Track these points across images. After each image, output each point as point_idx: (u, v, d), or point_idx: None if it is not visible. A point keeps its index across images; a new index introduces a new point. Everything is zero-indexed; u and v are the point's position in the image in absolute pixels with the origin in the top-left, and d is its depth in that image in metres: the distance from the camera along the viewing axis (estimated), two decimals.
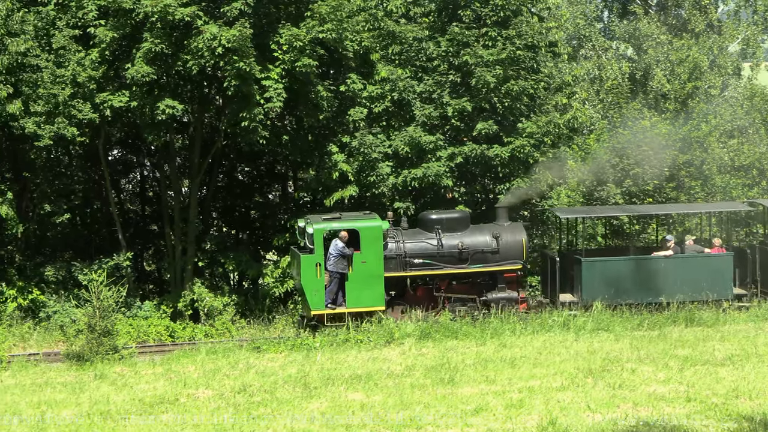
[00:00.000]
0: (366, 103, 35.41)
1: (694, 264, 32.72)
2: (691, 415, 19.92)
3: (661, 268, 32.55)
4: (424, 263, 31.82)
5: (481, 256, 32.13)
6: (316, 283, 30.91)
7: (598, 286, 32.17)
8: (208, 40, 32.05)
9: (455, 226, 32.30)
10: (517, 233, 32.50)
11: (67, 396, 23.69)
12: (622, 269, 32.59)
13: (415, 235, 32.25)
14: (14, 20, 32.89)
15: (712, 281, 32.42)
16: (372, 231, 31.15)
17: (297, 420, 20.44)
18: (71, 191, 37.42)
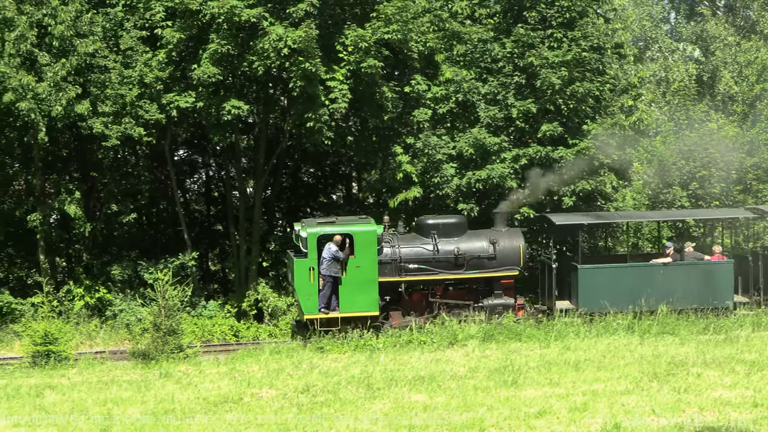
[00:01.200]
0: (430, 104, 35.38)
1: (693, 271, 32.23)
2: (757, 421, 19.66)
3: (660, 276, 32.10)
4: (420, 268, 31.45)
5: (477, 262, 31.73)
6: (309, 287, 30.61)
7: (594, 293, 31.78)
8: (274, 41, 32.19)
9: (452, 232, 31.93)
10: (514, 239, 32.09)
11: (132, 394, 23.86)
12: (619, 276, 32.11)
13: (412, 240, 31.94)
14: (83, 22, 33.26)
15: (712, 289, 31.97)
16: (366, 235, 30.82)
17: (360, 420, 20.43)
18: (138, 191, 37.73)
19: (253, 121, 38.89)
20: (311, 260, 30.54)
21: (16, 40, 32.25)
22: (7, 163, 35.93)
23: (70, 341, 29.44)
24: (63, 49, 33.20)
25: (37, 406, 22.72)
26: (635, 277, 32.00)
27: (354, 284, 30.65)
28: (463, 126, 35.60)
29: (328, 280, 30.51)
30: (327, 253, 30.33)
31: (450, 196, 35.18)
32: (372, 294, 30.75)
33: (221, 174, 41.90)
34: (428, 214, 33.42)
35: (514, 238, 32.12)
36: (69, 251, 38.11)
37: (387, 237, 31.53)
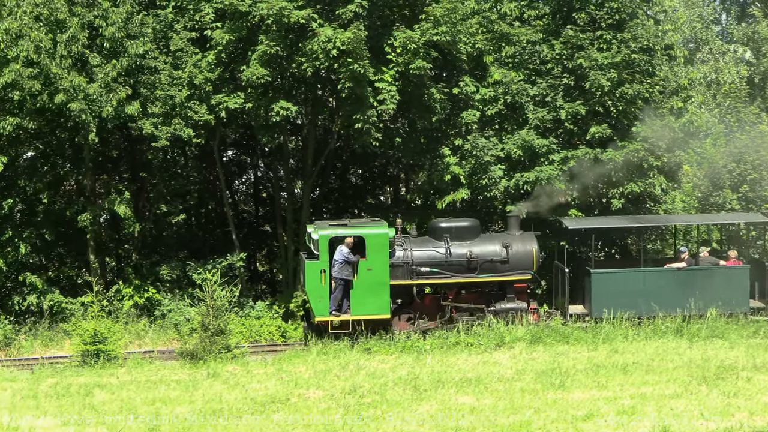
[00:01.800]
0: (479, 106, 35.31)
1: (708, 276, 31.89)
2: None
3: (674, 280, 31.81)
4: (432, 272, 31.29)
5: (490, 266, 31.53)
6: (320, 290, 30.55)
7: (607, 298, 31.51)
8: (323, 42, 32.26)
9: (464, 235, 31.77)
10: (527, 243, 31.88)
11: (180, 393, 23.99)
12: (633, 281, 31.82)
13: (424, 243, 31.77)
14: (134, 23, 33.50)
15: (727, 294, 31.62)
16: (378, 238, 30.71)
17: (407, 422, 20.45)
18: (187, 191, 37.92)
19: (302, 122, 38.98)
20: (323, 263, 30.50)
21: (67, 41, 32.52)
22: (58, 164, 36.21)
23: (119, 341, 29.65)
24: (114, 51, 33.45)
25: (86, 405, 22.91)
26: (649, 281, 31.76)
27: (365, 287, 30.59)
28: (511, 128, 35.48)
29: (339, 283, 30.46)
30: (338, 256, 30.29)
31: (498, 198, 35.09)
32: (383, 297, 30.68)
33: (269, 175, 42.04)
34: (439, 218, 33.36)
35: (528, 242, 31.93)
36: (118, 251, 38.37)
37: (399, 240, 31.46)
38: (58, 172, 36.06)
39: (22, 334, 34.12)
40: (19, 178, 35.23)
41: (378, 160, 40.08)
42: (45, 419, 21.62)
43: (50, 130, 34.89)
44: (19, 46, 32.05)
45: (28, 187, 35.03)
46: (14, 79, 31.92)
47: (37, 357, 31.47)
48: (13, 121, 32.61)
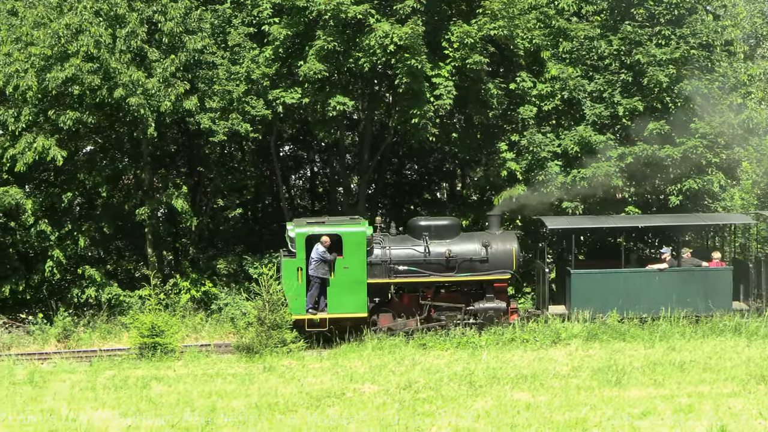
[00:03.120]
0: (536, 101, 35.17)
1: (690, 278, 31.52)
2: None
3: (655, 282, 31.46)
4: (410, 270, 31.10)
5: (469, 265, 31.25)
6: (297, 288, 30.44)
7: (587, 298, 31.24)
8: (380, 37, 32.29)
9: (444, 234, 31.53)
10: (507, 242, 31.59)
11: (237, 387, 24.13)
12: (614, 282, 31.50)
13: (402, 241, 31.60)
14: (192, 18, 33.69)
15: (709, 295, 31.26)
16: (355, 236, 30.57)
17: (462, 418, 20.43)
18: (243, 186, 38.07)
19: (358, 117, 39.05)
20: (299, 260, 30.46)
21: (127, 36, 32.77)
22: (117, 158, 36.49)
23: (176, 334, 29.84)
24: (172, 46, 33.68)
25: (143, 398, 23.09)
26: (630, 282, 31.45)
27: (342, 285, 30.47)
28: (568, 124, 35.33)
29: (315, 281, 30.41)
30: (315, 254, 30.21)
31: (554, 194, 34.95)
32: (360, 295, 30.52)
33: (326, 170, 42.13)
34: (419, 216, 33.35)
35: (508, 241, 31.67)
36: (176, 245, 38.63)
37: (378, 238, 31.32)
38: (116, 166, 36.33)
39: (81, 326, 34.44)
40: (79, 171, 35.53)
41: (434, 155, 40.04)
42: (103, 411, 21.81)
43: (109, 124, 35.19)
44: (79, 41, 32.35)
45: (88, 181, 35.32)
46: (74, 73, 32.22)
47: (96, 349, 31.76)
48: (73, 116, 32.91)
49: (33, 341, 33.57)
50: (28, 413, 21.82)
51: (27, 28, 33.05)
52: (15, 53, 33.08)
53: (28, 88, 32.70)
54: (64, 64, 32.44)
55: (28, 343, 33.44)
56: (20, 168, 33.43)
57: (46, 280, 35.50)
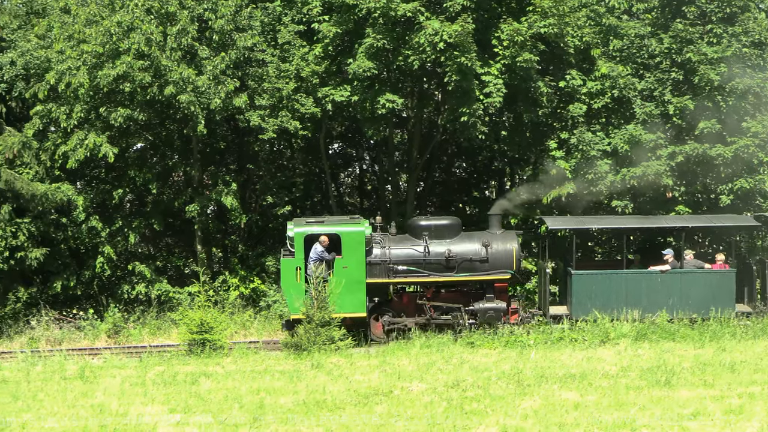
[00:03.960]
0: (585, 99, 35.01)
1: (692, 280, 31.10)
2: None
3: (657, 283, 31.10)
4: (409, 270, 30.95)
5: (469, 265, 31.05)
6: (295, 287, 30.32)
7: (588, 299, 30.97)
8: (430, 35, 32.28)
9: (444, 233, 31.33)
10: (508, 242, 31.36)
11: (285, 384, 24.16)
12: (615, 283, 31.16)
13: (402, 241, 31.42)
14: (242, 16, 33.85)
15: (711, 298, 30.85)
16: (354, 236, 30.43)
17: (510, 417, 20.35)
18: (292, 183, 38.18)
19: (407, 115, 39.05)
20: (298, 260, 30.39)
21: (177, 34, 32.97)
22: (167, 155, 36.75)
23: (224, 330, 29.95)
24: (222, 43, 33.85)
25: (192, 393, 23.18)
26: (631, 284, 31.14)
27: (341, 285, 30.32)
28: (618, 122, 35.15)
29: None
30: (313, 254, 30.16)
31: (604, 192, 34.79)
32: (359, 295, 30.40)
33: (374, 168, 42.18)
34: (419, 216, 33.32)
35: (508, 241, 31.45)
36: (225, 242, 38.81)
37: (378, 238, 31.22)
38: (166, 163, 36.59)
39: (131, 322, 34.73)
40: (130, 168, 35.83)
41: (483, 153, 39.97)
42: (152, 407, 21.92)
43: (160, 121, 35.43)
44: (130, 39, 32.59)
45: (138, 178, 35.59)
46: (126, 71, 32.48)
47: (145, 345, 31.97)
48: (124, 113, 33.16)
49: (84, 337, 33.89)
50: (79, 408, 21.98)
51: (79, 26, 33.35)
52: (67, 51, 33.42)
53: (80, 86, 33.00)
54: (115, 61, 32.71)
55: (79, 339, 33.76)
56: (72, 164, 33.77)
57: (96, 276, 35.82)
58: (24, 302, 34.90)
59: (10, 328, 34.28)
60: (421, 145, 37.80)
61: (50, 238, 35.53)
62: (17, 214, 34.40)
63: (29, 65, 34.49)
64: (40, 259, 34.43)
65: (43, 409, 22.05)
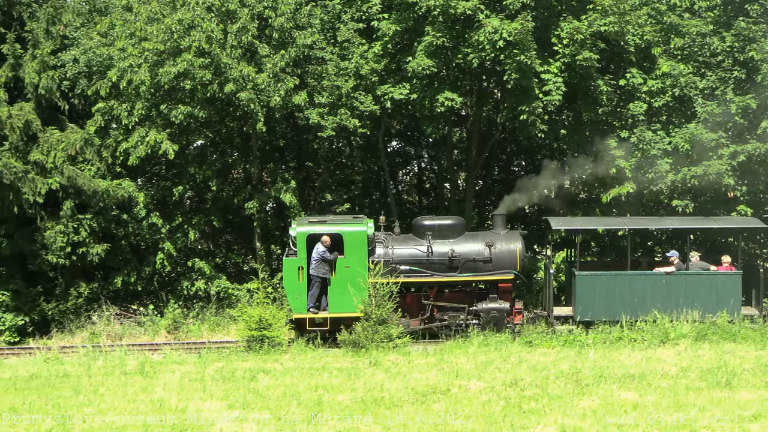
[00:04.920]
0: (646, 98, 34.75)
1: (697, 282, 30.78)
2: None
3: (662, 285, 30.78)
4: (412, 270, 30.92)
5: (472, 265, 31.02)
6: (298, 287, 30.43)
7: (592, 300, 30.76)
8: (490, 33, 32.20)
9: (447, 233, 31.35)
10: (512, 242, 31.31)
11: (342, 381, 24.23)
12: (619, 284, 30.88)
13: (405, 241, 31.45)
14: (302, 14, 33.94)
15: (716, 300, 30.54)
16: (356, 236, 30.44)
17: (568, 416, 20.30)
18: (351, 181, 38.24)
19: (466, 113, 38.98)
20: (300, 260, 30.46)
21: (237, 31, 33.13)
22: (226, 152, 36.95)
23: (283, 327, 30.08)
24: (282, 41, 33.96)
25: (251, 390, 23.32)
26: (635, 285, 30.87)
27: (344, 285, 30.38)
28: (679, 121, 34.87)
29: (316, 281, 30.40)
30: (315, 254, 30.21)
31: (664, 192, 34.53)
32: (361, 295, 30.36)
33: (433, 166, 42.14)
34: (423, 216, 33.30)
35: (512, 241, 31.42)
36: (284, 239, 38.89)
37: (381, 237, 31.24)
38: (226, 160, 36.79)
39: (190, 318, 34.96)
40: (190, 165, 36.05)
41: (542, 152, 39.81)
42: (211, 402, 22.08)
43: (219, 119, 35.60)
44: (191, 37, 32.79)
45: (198, 175, 35.81)
46: (186, 68, 32.68)
47: (204, 341, 32.18)
48: (184, 110, 33.38)
49: (144, 332, 34.17)
50: (139, 403, 22.19)
51: (141, 24, 33.61)
52: (129, 48, 33.69)
53: (141, 83, 33.27)
54: (176, 59, 32.92)
55: (139, 334, 34.04)
56: (133, 161, 34.06)
57: (156, 272, 36.10)
58: (85, 297, 35.22)
59: (72, 323, 34.64)
60: (480, 143, 37.73)
61: (111, 234, 35.85)
62: (79, 210, 34.75)
63: (92, 63, 34.81)
64: (102, 254, 34.79)
65: (103, 403, 22.28)
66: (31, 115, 34.30)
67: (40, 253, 34.79)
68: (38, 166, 34.16)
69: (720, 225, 32.55)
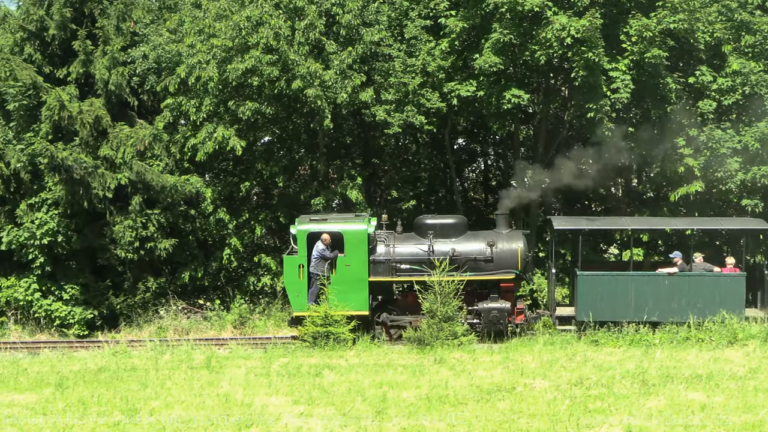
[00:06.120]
0: (715, 96, 34.39)
1: (700, 283, 30.31)
2: None
3: (665, 286, 30.33)
4: (412, 269, 30.74)
5: (473, 264, 30.81)
6: (298, 285, 30.48)
7: (594, 301, 30.40)
8: (557, 30, 32.07)
9: (449, 232, 31.23)
10: (513, 242, 31.08)
11: (407, 378, 24.25)
12: (621, 285, 30.48)
13: (407, 239, 31.35)
14: (369, 11, 34.00)
15: (720, 302, 30.01)
16: (356, 234, 30.40)
17: (634, 416, 20.17)
18: (417, 178, 38.23)
19: (533, 110, 38.83)
20: (301, 257, 30.52)
21: (305, 28, 33.25)
22: (293, 149, 37.08)
23: (348, 324, 30.15)
24: (349, 38, 34.05)
25: (316, 386, 23.40)
26: (638, 286, 30.47)
27: (344, 283, 30.33)
28: (749, 119, 34.49)
29: (315, 278, 30.38)
30: (315, 252, 30.23)
31: (733, 191, 34.19)
32: (362, 293, 30.40)
33: (499, 163, 42.01)
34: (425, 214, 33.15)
35: (514, 240, 31.21)
36: None
37: (383, 236, 31.19)
38: (293, 156, 36.93)
39: (256, 314, 35.15)
40: (257, 161, 36.26)
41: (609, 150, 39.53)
42: (277, 398, 22.19)
43: (287, 115, 35.77)
44: (259, 33, 32.95)
45: (265, 171, 36.01)
46: (254, 65, 32.85)
47: (270, 337, 32.35)
48: (252, 106, 33.57)
49: (210, 327, 34.41)
50: (205, 397, 22.35)
51: (210, 21, 33.84)
52: (198, 45, 33.93)
53: (209, 79, 33.50)
54: (244, 55, 33.10)
55: (206, 329, 34.29)
56: (201, 157, 34.30)
57: (223, 267, 36.34)
58: (153, 292, 35.54)
59: (140, 317, 34.98)
60: (547, 140, 37.55)
61: (179, 229, 36.13)
62: (147, 205, 35.06)
63: (161, 59, 35.10)
64: (169, 249, 35.08)
65: (170, 397, 22.47)
66: (101, 111, 34.68)
67: (109, 247, 35.16)
68: (108, 161, 34.52)
69: (723, 226, 32.31)
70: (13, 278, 35.42)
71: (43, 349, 31.73)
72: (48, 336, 34.58)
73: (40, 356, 30.19)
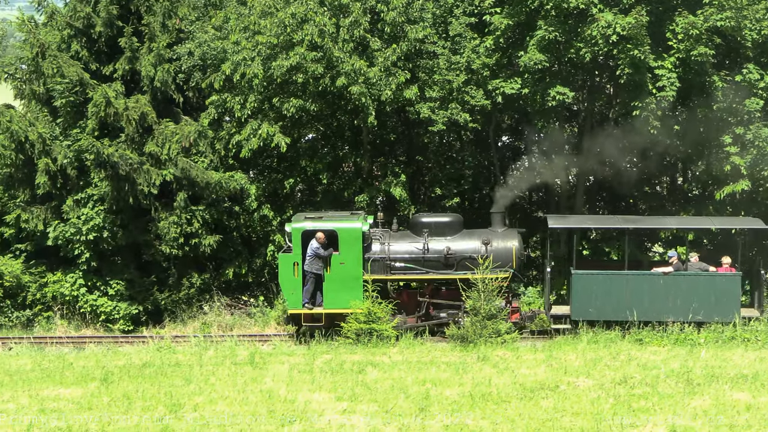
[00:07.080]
0: (763, 94, 34.10)
1: (695, 283, 30.15)
2: None
3: (660, 286, 30.13)
4: (407, 267, 30.74)
5: (468, 262, 30.69)
6: (293, 282, 30.65)
7: (589, 300, 30.35)
8: (603, 27, 31.93)
9: (444, 231, 31.29)
10: (508, 240, 31.13)
11: (450, 375, 24.25)
12: (616, 284, 30.34)
13: (402, 237, 31.38)
14: (414, 8, 33.98)
15: (715, 302, 29.85)
16: (350, 232, 30.50)
17: (678, 416, 20.07)
18: (461, 176, 38.16)
19: (578, 108, 38.66)
20: (296, 255, 30.68)
21: (350, 25, 33.27)
22: (337, 146, 37.13)
23: (391, 321, 30.18)
24: (394, 35, 34.04)
25: (359, 382, 23.45)
26: (633, 285, 30.35)
27: (338, 281, 30.45)
28: None
29: (310, 276, 30.51)
30: (309, 250, 30.32)
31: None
32: (356, 291, 30.40)
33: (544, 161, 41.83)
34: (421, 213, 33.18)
35: (509, 239, 31.25)
36: None
37: (378, 234, 31.17)
38: (337, 153, 36.97)
39: None
40: (301, 158, 36.33)
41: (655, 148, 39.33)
42: (320, 394, 22.25)
43: (331, 112, 35.82)
44: (304, 30, 33.02)
45: (309, 168, 36.08)
46: (299, 62, 32.93)
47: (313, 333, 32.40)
48: (296, 103, 33.65)
49: (254, 323, 34.54)
50: (248, 393, 22.45)
51: (255, 17, 33.94)
52: (243, 42, 34.04)
53: (254, 76, 33.59)
54: (289, 52, 33.19)
55: (250, 325, 34.42)
56: (245, 154, 34.41)
57: (267, 264, 36.42)
58: (197, 288, 35.69)
59: (184, 312, 35.14)
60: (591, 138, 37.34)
61: (223, 225, 36.26)
62: (192, 201, 35.21)
63: (206, 56, 35.23)
64: (214, 246, 35.21)
65: (214, 392, 22.59)
66: (147, 108, 34.86)
67: (153, 243, 35.35)
68: (153, 157, 34.69)
69: (720, 225, 32.09)
70: (60, 273, 35.66)
71: (89, 344, 32.02)
72: (93, 331, 34.83)
73: (85, 351, 30.46)
